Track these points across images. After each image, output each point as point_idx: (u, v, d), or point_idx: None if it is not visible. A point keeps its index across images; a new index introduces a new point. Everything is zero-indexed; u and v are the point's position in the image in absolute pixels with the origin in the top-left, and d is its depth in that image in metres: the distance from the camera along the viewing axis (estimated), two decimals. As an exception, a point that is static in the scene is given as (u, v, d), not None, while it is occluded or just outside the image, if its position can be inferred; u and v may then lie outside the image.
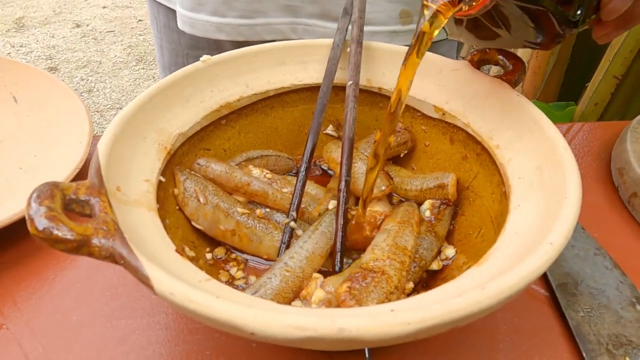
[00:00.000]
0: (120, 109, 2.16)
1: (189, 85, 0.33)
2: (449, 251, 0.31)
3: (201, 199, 0.30)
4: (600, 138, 0.46)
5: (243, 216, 0.31)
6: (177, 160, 0.32)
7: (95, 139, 0.42)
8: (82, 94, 2.24)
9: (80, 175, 0.37)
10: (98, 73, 2.43)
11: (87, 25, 2.92)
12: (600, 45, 0.99)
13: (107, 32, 2.86)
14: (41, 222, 0.18)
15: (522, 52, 1.24)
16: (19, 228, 0.33)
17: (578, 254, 0.33)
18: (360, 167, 0.33)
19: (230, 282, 0.30)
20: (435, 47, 0.53)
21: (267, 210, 0.33)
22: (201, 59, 0.34)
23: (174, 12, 0.52)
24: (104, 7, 3.19)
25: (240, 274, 0.31)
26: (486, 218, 0.30)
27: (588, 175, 0.42)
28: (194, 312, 0.17)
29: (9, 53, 2.59)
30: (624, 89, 0.87)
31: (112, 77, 2.40)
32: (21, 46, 2.66)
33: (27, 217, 0.19)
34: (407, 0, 0.48)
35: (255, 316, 0.16)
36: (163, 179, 0.29)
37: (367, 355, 0.27)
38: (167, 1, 0.53)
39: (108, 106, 2.18)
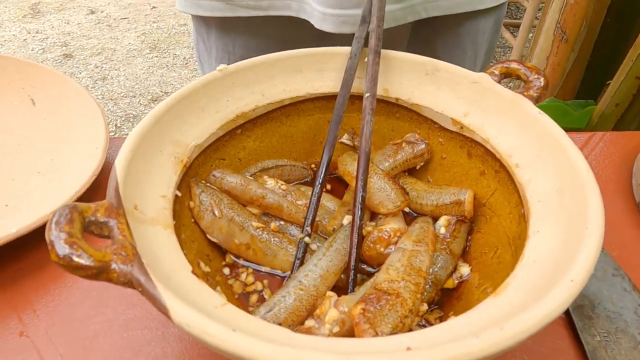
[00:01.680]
0: (134, 97, 2.17)
1: (204, 95, 0.33)
2: (464, 269, 0.31)
3: (216, 212, 0.30)
4: (622, 149, 0.45)
5: (258, 230, 0.31)
6: (193, 172, 0.32)
7: (112, 141, 0.42)
8: (96, 82, 2.25)
9: (98, 181, 0.37)
10: (112, 60, 2.44)
11: (102, 11, 2.93)
12: (623, 43, 0.96)
13: (121, 19, 2.86)
14: (62, 249, 0.19)
15: (541, 49, 1.22)
16: (37, 235, 0.34)
17: (595, 275, 0.32)
18: (375, 182, 0.33)
19: (243, 290, 0.30)
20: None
21: (282, 223, 0.33)
22: (218, 68, 0.34)
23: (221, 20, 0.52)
24: (119, -6, 3.19)
25: (251, 279, 0.31)
26: (503, 238, 0.30)
27: (608, 190, 0.41)
28: (210, 344, 0.17)
29: (25, 39, 2.61)
30: (646, 90, 0.85)
31: (126, 65, 2.42)
32: (37, 32, 2.68)
33: (48, 242, 0.19)
34: None
35: (273, 353, 0.16)
36: (179, 194, 0.29)
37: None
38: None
39: (122, 94, 2.20)
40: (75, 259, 0.19)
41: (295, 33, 0.51)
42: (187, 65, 2.37)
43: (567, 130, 0.46)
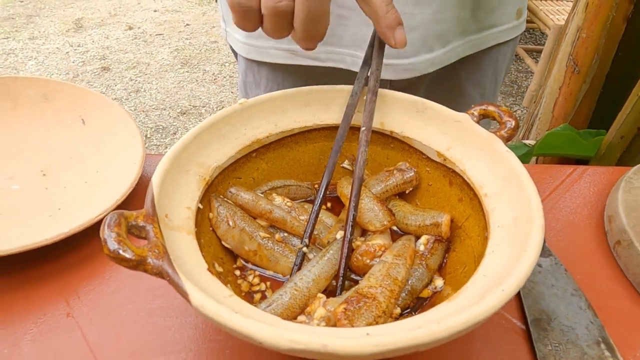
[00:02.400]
0: (164, 109, 2.28)
1: (226, 124, 0.40)
2: (438, 282, 0.36)
3: (230, 223, 0.36)
4: (601, 183, 0.50)
5: (264, 239, 0.37)
6: (213, 188, 0.38)
7: (147, 157, 0.49)
8: (130, 94, 2.38)
9: (135, 191, 0.44)
10: (146, 74, 2.58)
11: (139, 27, 3.10)
12: (635, 76, 0.99)
13: (156, 35, 3.02)
14: (112, 245, 0.25)
15: (554, 78, 1.25)
16: (83, 235, 0.41)
17: (556, 293, 0.37)
18: (366, 204, 0.38)
19: (249, 289, 0.36)
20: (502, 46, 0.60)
21: (285, 234, 0.39)
22: (239, 102, 0.41)
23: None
24: (155, 11, 3.36)
25: (257, 280, 0.37)
26: (471, 256, 0.35)
27: (583, 219, 0.45)
28: (218, 322, 0.23)
29: (67, 52, 2.78)
30: (650, 125, 0.88)
31: (159, 79, 2.54)
32: (78, 46, 2.85)
33: (102, 239, 0.26)
34: None
35: (263, 330, 0.22)
36: (201, 206, 0.35)
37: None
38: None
39: (153, 106, 2.31)
40: (122, 253, 0.25)
41: (343, 79, 0.56)
42: (216, 81, 2.48)
43: (575, 157, 0.50)
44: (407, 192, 0.43)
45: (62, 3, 3.40)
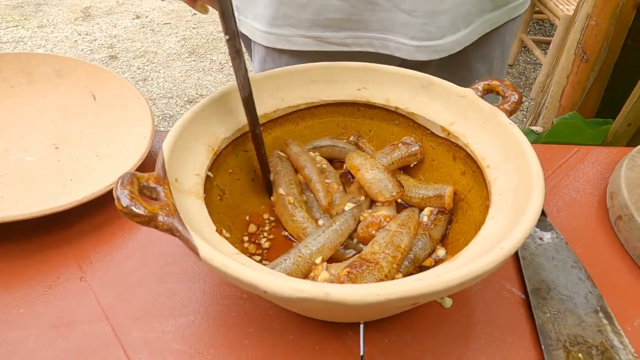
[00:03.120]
0: (171, 98, 2.30)
1: (234, 98, 0.40)
2: (440, 252, 0.37)
3: (272, 174, 0.41)
4: (605, 163, 0.50)
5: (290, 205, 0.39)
6: (221, 159, 0.39)
7: (156, 134, 0.50)
8: (138, 82, 2.39)
9: (144, 163, 0.45)
10: (153, 63, 2.59)
11: (146, 16, 3.10)
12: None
13: (164, 24, 3.02)
14: (125, 201, 0.26)
15: (562, 67, 1.24)
16: (95, 204, 0.42)
17: (557, 265, 0.38)
18: (376, 174, 0.39)
19: (257, 251, 0.38)
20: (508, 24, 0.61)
21: (311, 196, 0.42)
22: (247, 76, 0.41)
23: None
24: (162, 0, 3.37)
25: (267, 244, 0.39)
26: (472, 226, 0.36)
27: (585, 197, 0.46)
28: (225, 273, 0.24)
29: (75, 40, 2.80)
30: (657, 112, 0.88)
31: (166, 68, 2.55)
32: (86, 34, 2.86)
33: (115, 196, 0.27)
34: None
35: (267, 279, 0.23)
36: (210, 174, 0.36)
37: (361, 329, 0.33)
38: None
39: (160, 95, 2.33)
40: (134, 208, 0.26)
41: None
42: (223, 70, 2.49)
43: (581, 145, 0.51)
44: (411, 165, 0.44)
45: (71, -8, 3.41)
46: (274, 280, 0.23)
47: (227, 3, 0.32)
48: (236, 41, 0.33)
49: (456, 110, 0.40)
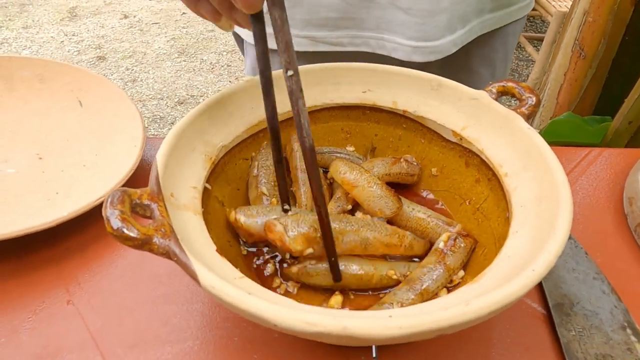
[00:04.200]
0: (161, 99, 2.26)
1: (232, 102, 0.38)
2: (460, 272, 0.34)
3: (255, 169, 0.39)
4: (618, 165, 0.48)
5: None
6: (219, 169, 0.36)
7: (148, 141, 0.47)
8: (127, 84, 2.34)
9: (135, 174, 0.42)
10: (142, 64, 2.54)
11: (134, 16, 3.05)
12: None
13: (152, 23, 2.97)
14: (116, 223, 0.23)
15: (559, 64, 1.23)
16: (82, 220, 0.39)
17: (577, 277, 0.35)
18: (375, 190, 0.36)
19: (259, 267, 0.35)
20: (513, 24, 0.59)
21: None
22: (244, 79, 0.39)
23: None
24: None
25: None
26: (490, 239, 0.33)
27: (600, 202, 0.44)
28: (229, 304, 0.22)
29: (62, 41, 2.74)
30: (659, 110, 0.86)
31: (155, 68, 2.51)
32: (73, 35, 2.80)
33: (104, 217, 0.24)
34: None
35: (278, 312, 0.20)
36: (208, 186, 0.33)
37: (374, 354, 0.31)
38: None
39: (150, 96, 2.28)
40: (126, 231, 0.23)
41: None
42: (214, 70, 2.45)
43: (580, 145, 0.49)
44: (407, 184, 0.41)
45: (56, -9, 3.34)
46: (284, 313, 0.20)
47: (287, 30, 0.26)
48: (299, 78, 0.27)
49: (469, 114, 0.38)
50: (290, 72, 0.27)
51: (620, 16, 1.07)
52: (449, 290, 0.33)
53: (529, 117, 0.35)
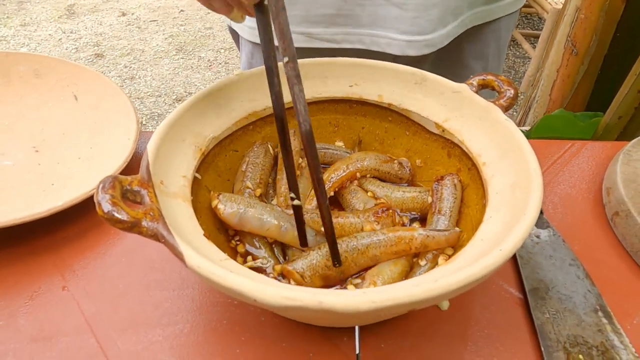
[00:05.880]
0: (159, 96, 2.26)
1: (223, 96, 0.39)
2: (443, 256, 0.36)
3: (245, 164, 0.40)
4: (600, 157, 0.49)
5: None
6: (209, 159, 0.38)
7: (142, 135, 0.48)
8: (125, 81, 2.35)
9: (129, 166, 0.43)
10: (140, 61, 2.55)
11: (132, 14, 3.05)
12: (633, 58, 0.98)
13: (150, 21, 2.98)
14: (106, 207, 0.25)
15: (552, 61, 1.24)
16: (77, 210, 0.40)
17: (554, 264, 0.37)
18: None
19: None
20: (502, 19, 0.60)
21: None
22: (234, 72, 0.40)
23: None
24: (149, -3, 3.31)
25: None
26: (469, 225, 0.35)
27: (581, 193, 0.45)
28: (214, 282, 0.23)
29: (60, 38, 2.75)
30: (647, 105, 0.88)
31: (153, 66, 2.52)
32: (71, 32, 2.81)
33: (96, 202, 0.25)
34: None
35: (257, 287, 0.22)
36: (198, 176, 0.35)
37: (356, 334, 0.32)
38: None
39: (148, 93, 2.29)
40: (116, 214, 0.24)
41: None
42: (211, 68, 2.46)
43: (572, 139, 0.50)
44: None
45: (54, -11, 3.34)
46: (264, 288, 0.22)
47: (284, 18, 0.27)
48: (296, 64, 0.28)
49: (451, 107, 0.39)
50: (286, 59, 0.27)
51: (611, 13, 1.08)
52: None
53: (507, 109, 0.37)
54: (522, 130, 0.96)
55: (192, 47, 2.67)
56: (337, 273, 0.32)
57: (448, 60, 0.61)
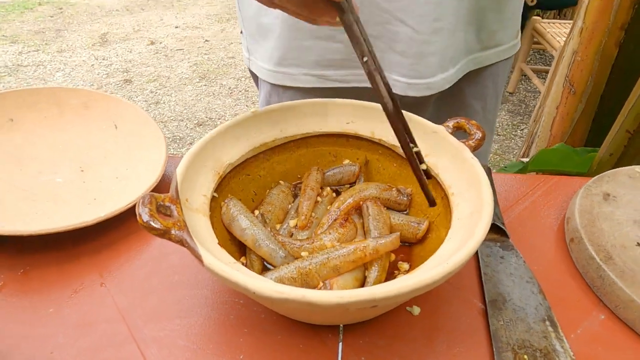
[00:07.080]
0: (182, 120, 2.38)
1: (239, 129, 0.47)
2: (405, 265, 0.42)
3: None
4: (569, 191, 0.56)
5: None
6: (225, 182, 0.46)
7: (169, 159, 0.57)
8: (150, 105, 2.49)
9: (158, 185, 0.51)
10: (165, 87, 2.69)
11: (160, 42, 3.24)
12: (627, 98, 1.05)
13: (176, 49, 3.15)
14: (145, 217, 0.32)
15: (552, 98, 1.31)
16: (115, 221, 0.48)
17: (514, 280, 0.43)
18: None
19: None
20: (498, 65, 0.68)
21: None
22: (251, 110, 0.48)
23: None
24: (176, 27, 3.51)
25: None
26: (436, 246, 0.41)
27: (549, 222, 0.51)
28: (224, 278, 0.30)
29: (92, 64, 2.92)
30: (635, 143, 0.93)
31: (178, 92, 2.66)
32: (103, 59, 2.99)
33: (137, 213, 0.33)
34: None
35: (255, 283, 0.29)
36: (216, 195, 0.43)
37: (340, 332, 0.39)
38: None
39: (171, 117, 2.42)
40: (152, 224, 0.32)
41: (366, 97, 0.58)
42: (232, 95, 2.59)
43: (569, 174, 0.56)
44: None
45: (89, 19, 3.57)
46: (259, 283, 0.29)
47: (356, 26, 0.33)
48: (374, 60, 0.34)
49: (430, 144, 0.47)
50: (365, 59, 0.35)
51: (606, 56, 1.15)
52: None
53: (475, 149, 0.44)
54: (520, 162, 1.03)
55: (214, 75, 2.82)
56: (302, 285, 0.38)
57: (450, 100, 0.68)
